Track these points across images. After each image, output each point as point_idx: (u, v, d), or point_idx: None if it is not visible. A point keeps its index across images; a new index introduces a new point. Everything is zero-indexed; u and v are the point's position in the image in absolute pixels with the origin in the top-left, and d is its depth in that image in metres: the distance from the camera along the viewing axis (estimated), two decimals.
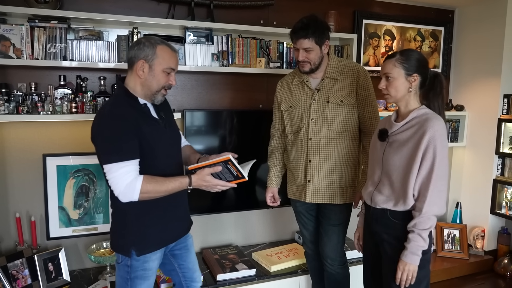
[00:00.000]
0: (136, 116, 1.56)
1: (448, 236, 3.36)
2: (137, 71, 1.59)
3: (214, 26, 2.55)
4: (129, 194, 1.50)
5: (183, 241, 1.85)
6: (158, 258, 1.72)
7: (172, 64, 1.62)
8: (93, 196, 2.51)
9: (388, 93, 1.69)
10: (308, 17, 1.97)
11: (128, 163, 1.50)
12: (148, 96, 1.64)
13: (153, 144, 1.60)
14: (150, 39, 1.62)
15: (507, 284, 3.10)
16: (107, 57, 2.36)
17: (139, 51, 1.58)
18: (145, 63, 1.58)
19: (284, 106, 2.18)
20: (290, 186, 2.24)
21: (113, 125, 1.52)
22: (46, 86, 2.31)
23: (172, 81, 1.65)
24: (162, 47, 1.60)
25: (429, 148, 1.58)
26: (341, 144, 2.07)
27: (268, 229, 3.06)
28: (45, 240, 2.43)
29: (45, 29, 2.21)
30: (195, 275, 1.92)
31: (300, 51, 1.98)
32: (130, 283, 1.66)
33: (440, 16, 3.51)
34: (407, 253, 1.61)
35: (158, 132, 1.63)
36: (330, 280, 2.23)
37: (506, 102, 3.21)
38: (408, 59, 1.64)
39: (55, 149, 2.42)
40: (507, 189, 3.25)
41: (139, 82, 1.61)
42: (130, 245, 1.62)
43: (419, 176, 1.61)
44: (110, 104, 1.62)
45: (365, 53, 3.24)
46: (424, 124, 1.61)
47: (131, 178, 1.49)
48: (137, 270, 1.65)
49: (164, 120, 1.70)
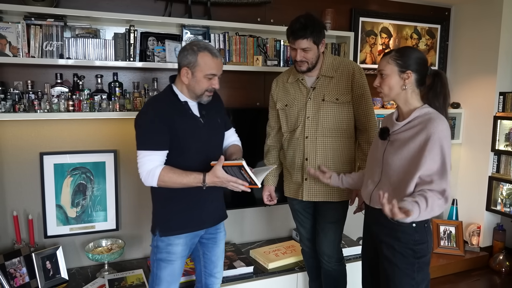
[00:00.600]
0: (171, 112, 1.71)
1: (444, 233, 3.38)
2: (182, 77, 1.73)
3: (211, 24, 2.55)
4: (149, 180, 1.68)
5: (213, 232, 1.93)
6: (183, 244, 1.80)
7: (213, 71, 1.71)
8: (91, 194, 2.51)
9: (381, 90, 1.66)
10: (305, 16, 1.97)
11: (153, 152, 1.68)
12: (193, 97, 1.78)
13: (184, 139, 1.72)
14: (194, 45, 1.71)
15: (502, 280, 3.14)
16: (104, 55, 2.36)
17: (183, 59, 1.71)
18: (188, 70, 1.71)
19: (280, 104, 2.18)
20: (287, 185, 2.25)
21: (147, 117, 1.70)
22: (42, 84, 2.30)
23: (215, 85, 1.75)
24: (203, 54, 1.69)
25: (435, 149, 1.52)
26: (337, 142, 2.08)
27: (266, 226, 3.07)
28: (42, 239, 2.43)
29: (41, 27, 2.21)
30: (215, 270, 1.98)
31: (298, 51, 1.98)
32: (156, 265, 1.81)
33: (437, 14, 3.52)
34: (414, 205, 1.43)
35: (192, 128, 1.75)
36: (327, 277, 2.24)
37: (502, 100, 3.23)
38: (403, 56, 1.61)
39: (52, 147, 2.42)
40: (503, 186, 3.28)
41: (184, 85, 1.76)
42: (156, 225, 1.81)
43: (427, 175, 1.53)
44: (152, 99, 1.84)
45: (362, 51, 3.25)
46: (428, 126, 1.55)
47: (152, 166, 1.66)
48: (161, 252, 1.78)
49: (205, 118, 1.80)
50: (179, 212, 1.79)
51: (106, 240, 2.52)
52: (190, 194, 1.75)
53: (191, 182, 1.67)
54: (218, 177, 1.61)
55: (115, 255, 2.41)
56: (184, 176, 1.67)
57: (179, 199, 1.77)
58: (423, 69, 1.64)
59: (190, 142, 1.74)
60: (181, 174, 1.67)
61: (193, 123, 1.76)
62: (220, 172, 1.62)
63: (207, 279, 2.00)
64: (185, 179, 1.67)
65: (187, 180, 1.67)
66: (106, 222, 2.56)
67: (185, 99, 1.77)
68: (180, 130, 1.71)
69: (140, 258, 2.68)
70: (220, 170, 1.62)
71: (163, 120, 1.68)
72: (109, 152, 2.52)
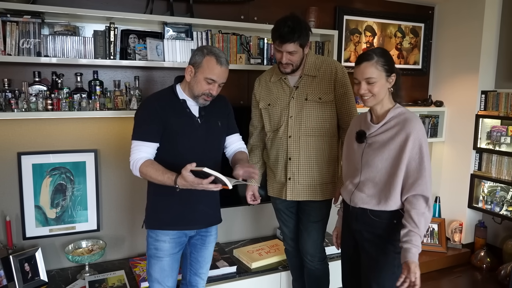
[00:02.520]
0: (167, 108, 1.76)
1: (427, 230, 3.41)
2: (186, 73, 1.79)
3: (194, 21, 2.52)
4: (133, 169, 1.74)
5: (204, 234, 1.94)
6: (169, 242, 1.81)
7: (213, 76, 1.74)
8: (71, 194, 2.47)
9: (372, 95, 1.65)
10: (292, 19, 1.93)
11: (142, 143, 1.74)
12: (191, 97, 1.81)
13: (176, 136, 1.76)
14: (205, 48, 1.76)
15: (483, 276, 3.18)
16: (83, 53, 2.31)
17: (193, 57, 1.78)
18: (193, 68, 1.76)
19: (263, 104, 2.17)
20: (270, 184, 2.24)
21: (143, 110, 1.79)
22: (20, 83, 2.25)
23: (212, 90, 1.77)
24: (209, 59, 1.73)
25: (415, 148, 1.60)
26: (320, 141, 2.07)
27: (250, 225, 3.07)
28: (21, 240, 2.39)
29: (17, 24, 2.15)
30: (201, 270, 1.99)
31: (283, 53, 1.96)
32: (148, 262, 1.87)
33: (420, 13, 3.54)
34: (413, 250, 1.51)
35: (186, 126, 1.78)
36: (310, 276, 2.25)
37: (484, 98, 3.27)
38: (388, 60, 1.64)
39: (31, 147, 2.37)
40: (484, 184, 3.32)
41: (186, 83, 1.80)
42: (146, 217, 1.87)
43: (409, 173, 1.60)
44: (152, 94, 1.88)
45: (346, 49, 3.25)
46: (406, 126, 1.62)
47: (138, 157, 1.72)
48: (150, 248, 1.83)
49: (203, 119, 1.81)
50: (166, 208, 1.81)
51: (86, 241, 2.48)
52: (180, 193, 1.72)
53: (165, 181, 1.67)
54: (186, 181, 1.60)
55: (96, 256, 2.37)
56: (160, 174, 1.68)
57: (169, 196, 1.78)
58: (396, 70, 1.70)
59: (183, 139, 1.77)
60: (158, 171, 1.69)
61: (189, 121, 1.79)
62: (189, 177, 1.59)
63: (191, 277, 2.01)
64: (159, 176, 1.68)
65: (161, 178, 1.68)
66: (87, 222, 2.52)
67: (184, 97, 1.81)
68: (173, 126, 1.75)
69: (121, 259, 2.65)
70: (188, 175, 1.59)
71: (157, 114, 1.74)
72: (89, 152, 2.48)
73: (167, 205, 1.81)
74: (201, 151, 1.80)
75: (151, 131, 1.75)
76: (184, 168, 1.59)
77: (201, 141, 1.81)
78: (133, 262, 2.54)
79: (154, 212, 1.84)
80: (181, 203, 1.81)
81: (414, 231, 1.55)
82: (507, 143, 3.12)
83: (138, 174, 1.73)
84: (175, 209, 1.81)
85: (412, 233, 1.54)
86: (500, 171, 3.19)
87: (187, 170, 1.58)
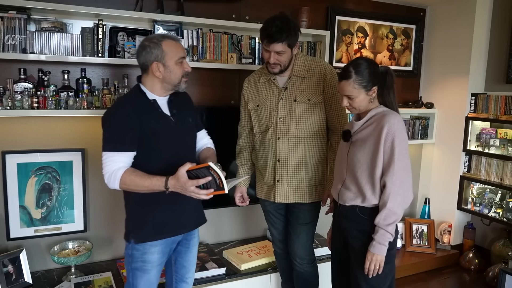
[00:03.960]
0: (140, 112, 1.64)
1: (417, 231, 3.43)
2: (154, 73, 1.67)
3: (184, 20, 2.49)
4: (111, 182, 1.61)
5: (188, 238, 1.87)
6: (159, 252, 1.73)
7: (181, 53, 1.69)
8: (57, 194, 2.42)
9: (352, 108, 1.76)
10: (280, 19, 1.91)
11: (117, 154, 1.61)
12: (170, 89, 1.73)
13: (156, 139, 1.66)
14: (152, 39, 1.66)
15: (472, 277, 3.20)
16: (70, 50, 2.26)
17: (148, 55, 1.65)
18: (159, 63, 1.65)
19: (252, 105, 2.14)
20: (259, 186, 2.22)
21: (113, 118, 1.64)
22: (4, 80, 2.18)
23: (187, 68, 1.71)
24: (166, 42, 1.65)
25: (387, 141, 1.64)
26: (309, 143, 2.06)
27: (239, 226, 3.04)
28: (5, 241, 2.33)
29: (2, 19, 2.09)
30: (187, 275, 1.93)
31: (271, 53, 1.93)
32: (131, 274, 1.73)
33: (412, 14, 3.55)
34: (374, 244, 1.67)
35: (163, 128, 1.69)
36: (299, 278, 2.23)
37: (474, 101, 3.29)
38: (364, 76, 1.67)
39: (15, 146, 2.31)
40: (473, 186, 3.34)
41: (158, 81, 1.69)
42: (130, 232, 1.72)
43: (383, 166, 1.67)
44: (119, 99, 1.79)
45: (338, 49, 3.24)
46: (382, 120, 1.68)
47: (115, 168, 1.59)
48: (136, 261, 1.71)
49: (176, 117, 1.74)
50: (156, 217, 1.71)
51: (72, 242, 2.44)
52: (167, 197, 1.64)
53: (153, 185, 1.58)
54: (179, 181, 1.53)
55: (82, 257, 2.33)
56: (146, 179, 1.59)
57: (156, 203, 1.69)
58: (379, 76, 1.73)
59: (163, 142, 1.68)
60: (143, 176, 1.59)
61: (164, 122, 1.70)
62: (182, 177, 1.53)
63: (178, 284, 1.94)
64: (146, 181, 1.58)
65: (148, 183, 1.58)
66: (74, 223, 2.47)
67: (153, 97, 1.70)
68: (150, 130, 1.65)
69: (109, 260, 2.61)
70: (183, 174, 1.53)
71: (131, 120, 1.61)
72: (76, 151, 2.43)
73: (156, 213, 1.70)
74: (181, 150, 1.74)
75: (126, 140, 1.61)
76: (182, 166, 1.53)
77: (180, 140, 1.74)
78: (121, 263, 2.50)
79: (142, 224, 1.71)
80: (169, 208, 1.72)
81: (377, 225, 1.67)
82: (496, 145, 3.14)
83: (117, 186, 1.60)
84: (164, 216, 1.72)
85: (376, 227, 1.68)
86: (489, 173, 3.21)
87: (186, 168, 1.52)
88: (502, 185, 3.09)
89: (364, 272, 1.71)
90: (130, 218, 1.76)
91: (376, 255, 1.68)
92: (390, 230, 1.66)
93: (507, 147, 3.08)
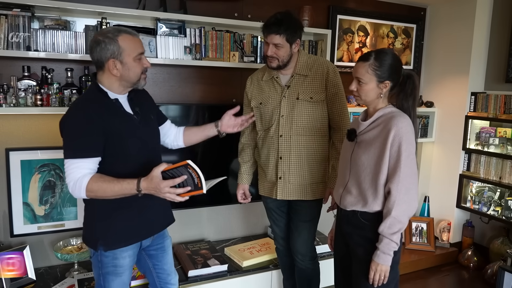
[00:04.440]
0: (103, 113, 1.53)
1: (416, 229, 3.45)
2: (111, 71, 1.55)
3: (187, 18, 2.50)
4: (76, 191, 1.49)
5: (160, 241, 1.80)
6: (130, 256, 1.66)
7: (139, 49, 1.59)
8: (60, 191, 2.44)
9: (358, 95, 1.67)
10: (283, 13, 1.95)
11: (81, 160, 1.49)
12: (129, 87, 1.63)
13: (122, 140, 1.56)
14: (106, 34, 1.53)
15: (470, 275, 3.23)
16: (74, 47, 2.28)
17: (103, 51, 1.52)
18: (116, 60, 1.53)
19: (254, 102, 2.16)
20: (261, 183, 2.24)
21: (75, 122, 1.50)
22: (8, 77, 2.20)
23: (146, 64, 1.62)
24: (122, 37, 1.54)
25: (394, 145, 1.56)
26: (311, 141, 2.08)
27: (241, 223, 3.06)
28: (8, 238, 2.35)
29: (6, 17, 2.11)
30: (170, 277, 1.87)
31: (270, 46, 1.97)
32: (103, 278, 1.64)
33: (413, 13, 3.56)
34: (379, 253, 1.60)
35: (128, 128, 1.60)
36: (301, 275, 2.25)
37: (473, 100, 3.31)
38: (382, 65, 1.60)
39: (19, 143, 2.33)
40: (472, 184, 3.37)
41: (115, 79, 1.58)
42: (97, 240, 1.59)
43: (389, 170, 1.59)
44: (78, 100, 1.62)
45: (339, 48, 3.26)
46: (389, 122, 1.59)
47: (79, 176, 1.47)
48: (107, 266, 1.62)
49: (139, 116, 1.65)
50: (122, 221, 1.60)
51: (76, 239, 2.45)
52: (130, 201, 1.55)
53: (124, 189, 1.47)
54: (152, 182, 1.44)
55: (85, 254, 2.35)
56: (116, 183, 1.47)
57: (121, 207, 1.57)
58: (399, 76, 1.66)
59: (129, 143, 1.58)
60: (112, 181, 1.48)
61: (130, 121, 1.61)
62: (156, 178, 1.44)
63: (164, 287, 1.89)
64: (116, 186, 1.47)
65: (119, 187, 1.47)
66: (77, 220, 2.49)
67: (115, 96, 1.59)
68: (115, 131, 1.54)
69: None
70: (157, 175, 1.44)
71: (94, 123, 1.49)
72: None
73: (123, 217, 1.60)
74: (149, 149, 1.67)
75: (91, 144, 1.49)
76: (157, 167, 1.44)
77: (145, 139, 1.65)
78: None
79: (109, 231, 1.59)
80: (140, 210, 1.62)
81: (381, 234, 1.60)
82: (495, 144, 3.17)
83: (84, 194, 1.47)
84: (133, 219, 1.62)
85: (380, 236, 1.60)
86: (488, 172, 3.23)
87: (161, 168, 1.43)
88: (501, 183, 3.11)
89: (369, 282, 1.64)
90: (93, 223, 1.62)
91: (380, 265, 1.60)
92: (395, 239, 1.58)
93: (506, 146, 3.10)
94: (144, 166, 1.54)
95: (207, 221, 2.93)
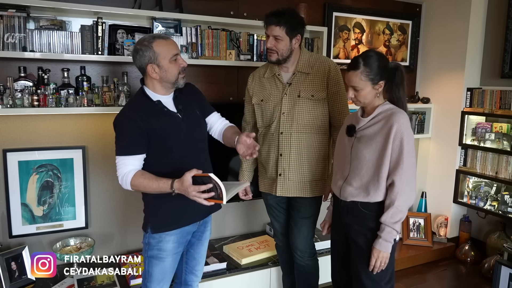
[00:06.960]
0: (147, 115, 1.68)
1: (414, 225, 3.47)
2: (151, 75, 1.70)
3: (183, 17, 2.50)
4: (124, 185, 1.69)
5: (201, 230, 1.92)
6: (174, 241, 1.78)
7: (173, 51, 1.70)
8: (58, 192, 2.44)
9: (357, 100, 1.75)
10: (285, 7, 1.99)
11: (127, 157, 1.67)
12: (170, 87, 1.76)
13: (165, 139, 1.71)
14: (143, 42, 1.68)
15: (468, 269, 3.26)
16: (70, 48, 2.27)
17: (142, 58, 1.68)
18: (153, 65, 1.68)
19: (256, 99, 2.17)
20: (261, 180, 2.25)
21: (121, 123, 1.70)
22: (4, 78, 2.19)
23: (182, 63, 1.73)
24: (156, 43, 1.67)
25: (396, 140, 1.66)
26: (311, 138, 2.09)
27: (240, 221, 3.07)
28: (7, 238, 2.35)
29: (2, 18, 2.10)
30: (197, 267, 1.98)
31: (270, 37, 1.98)
32: (147, 262, 1.81)
33: (408, 10, 3.57)
34: (381, 241, 1.69)
35: (171, 126, 1.73)
36: (300, 271, 2.27)
37: (469, 95, 3.32)
38: (372, 69, 1.68)
39: (16, 144, 2.32)
40: (469, 179, 3.39)
41: (156, 82, 1.73)
42: (148, 222, 1.79)
43: (391, 164, 1.68)
44: (127, 104, 1.83)
45: (335, 45, 3.26)
46: (390, 118, 1.69)
47: (126, 171, 1.67)
48: (152, 249, 1.78)
49: (183, 113, 1.78)
50: (170, 207, 1.76)
51: (74, 239, 2.46)
52: None
53: (161, 187, 1.64)
54: (183, 185, 1.58)
55: (84, 254, 2.35)
56: (153, 182, 1.65)
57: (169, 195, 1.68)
58: (388, 72, 1.74)
59: (173, 140, 1.72)
60: (151, 179, 1.65)
61: (172, 120, 1.74)
62: (187, 181, 1.57)
63: (187, 276, 1.99)
64: (154, 184, 1.64)
65: (155, 186, 1.64)
66: (75, 220, 2.49)
67: (157, 98, 1.74)
68: (160, 131, 1.70)
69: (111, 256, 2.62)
70: (188, 179, 1.57)
71: (138, 124, 1.66)
72: (77, 149, 2.45)
73: (170, 204, 1.75)
74: (190, 144, 1.77)
75: (135, 144, 1.68)
76: (189, 172, 1.57)
77: (188, 134, 1.77)
78: None
79: (158, 215, 1.78)
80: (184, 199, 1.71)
81: (384, 223, 1.69)
82: (491, 139, 3.18)
83: (130, 188, 1.68)
84: (178, 206, 1.76)
85: (382, 225, 1.69)
86: (484, 167, 3.25)
87: (192, 173, 1.56)
88: (497, 178, 3.13)
89: (369, 268, 1.73)
90: (147, 209, 1.83)
91: (382, 252, 1.70)
92: (397, 227, 1.69)
93: (502, 141, 3.12)
94: (188, 159, 1.71)
95: None
